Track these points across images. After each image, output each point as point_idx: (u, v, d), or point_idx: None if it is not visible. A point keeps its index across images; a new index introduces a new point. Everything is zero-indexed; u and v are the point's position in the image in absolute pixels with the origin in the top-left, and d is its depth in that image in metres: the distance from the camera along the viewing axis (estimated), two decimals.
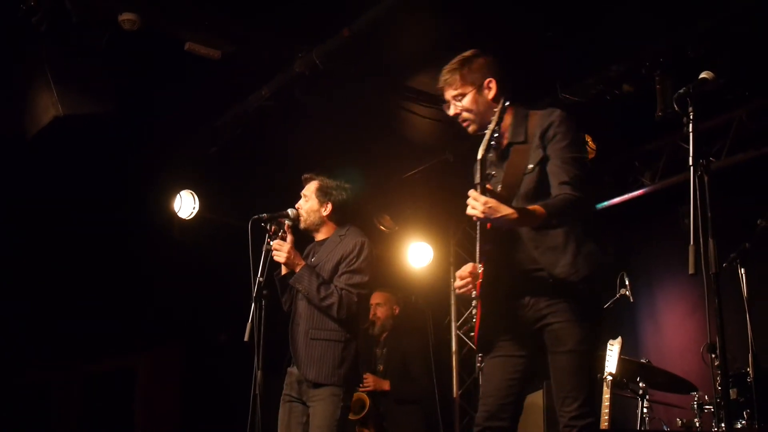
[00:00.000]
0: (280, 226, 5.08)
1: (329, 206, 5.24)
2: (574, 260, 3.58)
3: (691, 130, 3.22)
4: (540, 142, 3.65)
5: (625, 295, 5.98)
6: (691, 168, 3.17)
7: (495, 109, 3.64)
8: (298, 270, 5.02)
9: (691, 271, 3.06)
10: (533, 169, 3.65)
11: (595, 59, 6.31)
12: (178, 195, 8.11)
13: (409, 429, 7.29)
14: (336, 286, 5.00)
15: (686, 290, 7.35)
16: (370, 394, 7.17)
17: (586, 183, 3.59)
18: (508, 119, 3.78)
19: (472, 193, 3.46)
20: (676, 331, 7.51)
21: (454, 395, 9.12)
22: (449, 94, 3.87)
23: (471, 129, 3.85)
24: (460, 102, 3.84)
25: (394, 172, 8.53)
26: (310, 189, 5.27)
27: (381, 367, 7.41)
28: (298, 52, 6.26)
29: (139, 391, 9.66)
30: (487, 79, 3.80)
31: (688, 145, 3.21)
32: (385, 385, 7.27)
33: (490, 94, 3.81)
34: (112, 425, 9.48)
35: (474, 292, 3.70)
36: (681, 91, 3.27)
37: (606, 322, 3.71)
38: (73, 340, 8.88)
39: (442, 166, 8.09)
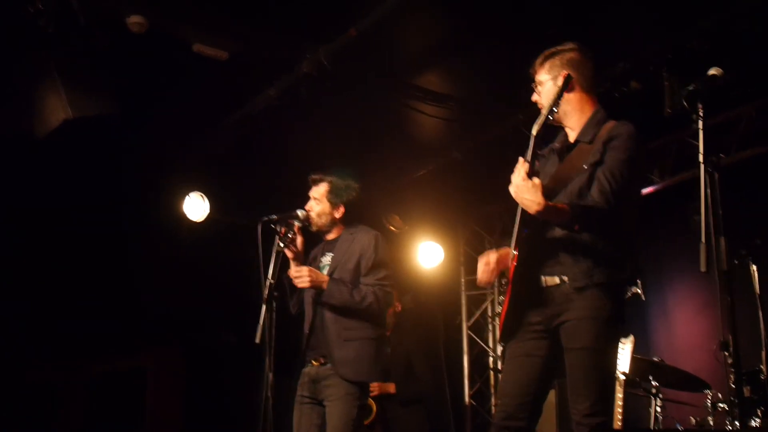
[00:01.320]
0: (290, 227, 5.07)
1: (342, 208, 5.25)
2: (592, 268, 3.59)
3: (700, 126, 3.23)
4: (602, 147, 3.66)
5: (636, 293, 5.97)
6: (702, 164, 3.18)
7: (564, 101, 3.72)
8: (325, 287, 5.00)
9: (702, 268, 3.07)
10: (586, 170, 3.66)
11: (601, 57, 6.30)
12: (187, 196, 8.13)
13: (415, 430, 7.28)
14: (367, 285, 5.02)
15: (697, 288, 7.35)
16: (375, 398, 7.10)
17: (622, 201, 3.58)
18: (583, 118, 3.82)
19: (519, 164, 3.50)
20: (687, 328, 7.51)
21: (466, 396, 9.13)
22: (537, 79, 3.91)
23: (551, 119, 3.74)
24: (543, 88, 3.88)
25: (403, 172, 8.55)
26: (320, 192, 5.26)
27: None
28: (305, 52, 6.28)
29: (147, 391, 9.67)
30: (565, 72, 3.78)
31: (698, 141, 3.22)
32: (390, 388, 7.20)
33: (577, 88, 3.83)
34: (117, 425, 9.50)
35: (504, 278, 3.74)
36: (690, 87, 3.28)
37: (623, 321, 3.69)
38: (79, 340, 8.90)
39: (451, 165, 8.10)
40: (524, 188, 3.45)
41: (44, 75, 5.75)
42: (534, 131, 3.55)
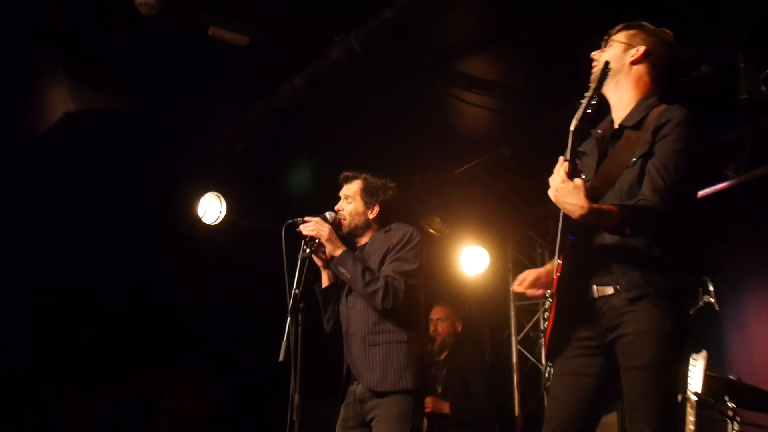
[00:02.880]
0: None
1: (377, 208, 5.27)
2: (648, 276, 3.55)
3: None
4: (651, 136, 3.61)
5: (708, 303, 5.90)
6: None
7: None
8: (339, 253, 5.04)
9: None
10: (635, 162, 3.61)
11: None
12: (202, 198, 8.18)
13: None
14: (382, 274, 5.01)
15: None
16: (428, 416, 7.17)
17: (679, 199, 3.54)
18: (633, 98, 3.80)
19: (558, 164, 3.47)
20: None
21: (517, 419, 9.11)
22: (601, 48, 3.88)
23: (592, 77, 3.76)
24: (602, 52, 3.86)
25: (444, 169, 8.54)
26: (353, 189, 5.30)
27: (440, 389, 7.45)
28: (335, 36, 6.29)
29: (164, 414, 9.76)
30: (639, 46, 3.78)
31: None
32: (445, 408, 7.31)
33: (632, 59, 3.81)
34: None
35: (549, 290, 3.71)
36: None
37: (689, 335, 3.64)
38: (91, 359, 8.99)
39: (498, 160, 8.07)
40: (565, 191, 3.41)
41: (47, 66, 5.82)
42: (573, 125, 3.49)
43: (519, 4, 6.03)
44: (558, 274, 3.64)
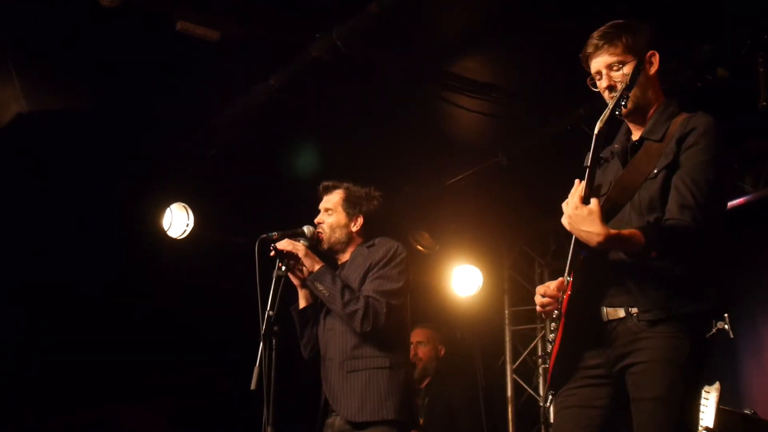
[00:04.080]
0: None
1: (360, 220, 5.28)
2: (669, 298, 3.52)
3: None
4: (675, 147, 3.60)
5: (723, 329, 5.91)
6: None
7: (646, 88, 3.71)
8: (317, 268, 5.03)
9: None
10: (657, 174, 3.60)
11: (681, 37, 6.28)
12: (168, 209, 8.14)
13: None
14: (362, 294, 5.00)
15: None
16: None
17: (712, 216, 3.52)
18: (651, 110, 3.78)
19: (574, 189, 3.46)
20: None
21: None
22: (602, 61, 3.77)
23: (624, 110, 3.69)
24: (617, 71, 3.74)
25: (435, 179, 8.54)
26: (333, 200, 5.30)
27: (422, 420, 7.40)
28: (315, 32, 6.28)
29: None
30: (651, 52, 3.75)
31: None
32: None
33: (652, 70, 3.77)
34: None
35: (555, 312, 3.69)
36: None
37: (705, 366, 3.62)
38: (42, 389, 8.92)
39: (494, 170, 8.08)
40: (579, 218, 3.41)
41: None
42: (597, 128, 3.46)
43: (514, 1, 6.04)
44: (568, 293, 3.64)
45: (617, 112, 3.53)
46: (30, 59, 5.84)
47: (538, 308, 3.80)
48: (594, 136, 3.45)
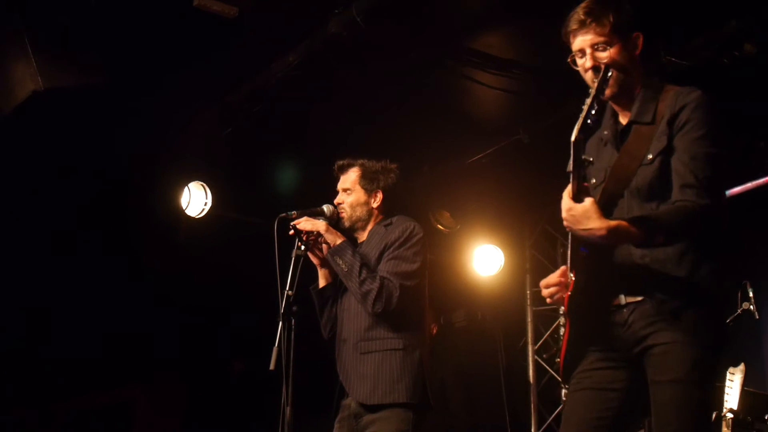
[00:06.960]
0: None
1: (379, 195, 5.27)
2: (689, 281, 3.49)
3: None
4: (667, 128, 3.54)
5: (748, 310, 5.93)
6: None
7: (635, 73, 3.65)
8: (338, 242, 5.04)
9: None
10: (653, 160, 3.55)
11: (705, 13, 6.26)
12: (186, 188, 8.17)
13: None
14: (378, 274, 5.00)
15: None
16: None
17: (720, 189, 3.49)
18: (637, 90, 3.70)
19: (565, 192, 3.40)
20: None
21: None
22: (587, 39, 3.68)
23: (610, 92, 3.63)
24: (603, 52, 3.66)
25: (455, 158, 8.54)
26: (350, 179, 5.30)
27: None
28: (335, 7, 6.28)
29: (135, 428, 9.76)
30: (636, 33, 3.69)
31: None
32: None
33: (636, 51, 3.70)
34: None
35: (562, 307, 3.68)
36: None
37: (727, 346, 3.61)
38: (57, 370, 8.99)
39: (515, 148, 8.07)
40: (575, 219, 3.36)
41: (12, 40, 5.81)
42: (573, 136, 3.36)
43: None
44: (570, 292, 3.59)
45: (589, 121, 3.37)
46: (46, 36, 5.85)
47: (548, 300, 3.75)
48: (572, 145, 3.36)
